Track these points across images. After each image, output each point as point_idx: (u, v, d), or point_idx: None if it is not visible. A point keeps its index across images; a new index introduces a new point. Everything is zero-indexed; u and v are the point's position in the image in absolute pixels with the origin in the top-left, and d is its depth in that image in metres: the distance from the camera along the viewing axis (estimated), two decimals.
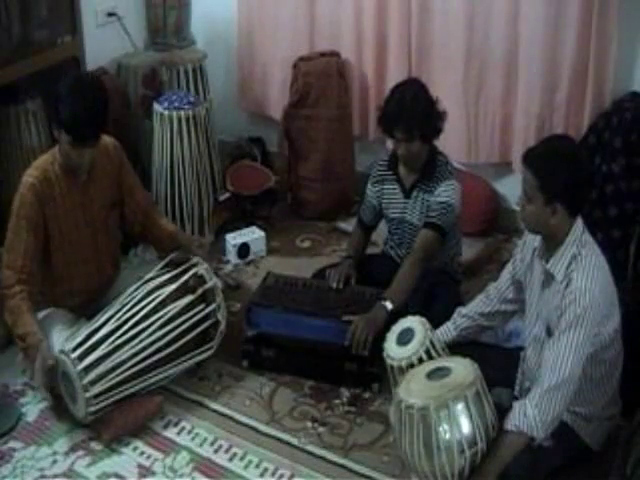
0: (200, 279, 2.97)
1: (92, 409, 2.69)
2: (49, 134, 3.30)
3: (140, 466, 2.67)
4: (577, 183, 2.33)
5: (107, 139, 2.99)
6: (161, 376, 2.86)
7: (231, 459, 2.69)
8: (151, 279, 2.94)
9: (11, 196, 2.88)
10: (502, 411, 2.36)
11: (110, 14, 4.04)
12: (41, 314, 2.87)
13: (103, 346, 2.71)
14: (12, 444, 2.76)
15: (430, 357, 2.51)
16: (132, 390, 2.78)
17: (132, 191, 3.09)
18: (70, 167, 2.85)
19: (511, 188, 3.75)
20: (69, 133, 2.72)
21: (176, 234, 3.18)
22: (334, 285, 3.10)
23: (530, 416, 2.28)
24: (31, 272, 2.81)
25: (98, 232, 2.99)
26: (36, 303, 2.83)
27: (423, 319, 2.61)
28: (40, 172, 2.82)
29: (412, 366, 2.49)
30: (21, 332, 2.75)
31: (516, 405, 2.34)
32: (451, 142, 3.55)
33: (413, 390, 2.35)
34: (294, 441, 2.76)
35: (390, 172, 3.16)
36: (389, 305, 2.90)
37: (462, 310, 2.74)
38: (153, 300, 2.85)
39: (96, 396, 2.68)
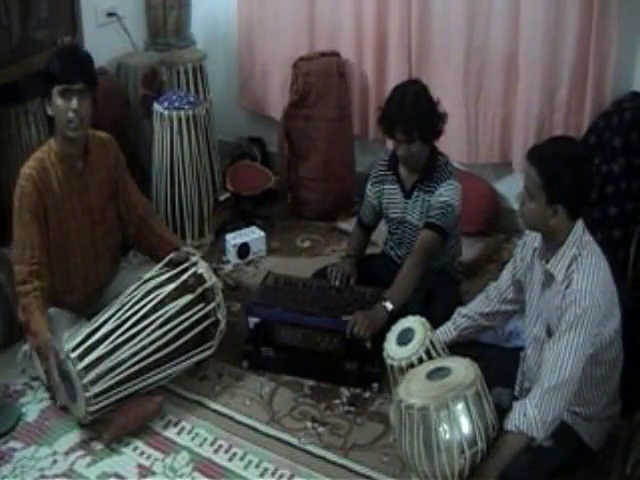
0: (199, 278, 2.97)
1: (92, 409, 2.69)
2: (49, 134, 3.30)
3: (140, 466, 2.67)
4: (582, 189, 2.33)
5: (102, 134, 3.03)
6: (161, 375, 2.86)
7: (231, 459, 2.69)
8: (150, 278, 2.94)
9: (11, 195, 2.88)
10: (502, 411, 2.36)
11: (110, 14, 4.05)
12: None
13: (103, 345, 2.71)
14: (12, 444, 2.76)
15: (430, 357, 2.51)
16: (132, 390, 2.78)
17: (127, 190, 3.10)
18: (66, 153, 2.86)
19: (511, 188, 3.75)
20: (57, 79, 2.74)
21: (178, 247, 3.13)
22: (335, 283, 3.10)
23: (530, 416, 2.28)
24: (41, 262, 2.83)
25: (95, 222, 3.00)
26: (49, 297, 2.85)
27: (423, 319, 2.61)
28: (37, 162, 2.85)
29: (412, 366, 2.49)
30: (33, 329, 2.77)
31: (516, 405, 2.34)
32: (451, 142, 3.55)
33: (413, 390, 2.35)
34: (294, 441, 2.76)
35: (390, 172, 3.16)
36: (389, 306, 2.90)
37: (462, 310, 2.74)
38: (152, 299, 2.85)
39: (96, 396, 2.67)
